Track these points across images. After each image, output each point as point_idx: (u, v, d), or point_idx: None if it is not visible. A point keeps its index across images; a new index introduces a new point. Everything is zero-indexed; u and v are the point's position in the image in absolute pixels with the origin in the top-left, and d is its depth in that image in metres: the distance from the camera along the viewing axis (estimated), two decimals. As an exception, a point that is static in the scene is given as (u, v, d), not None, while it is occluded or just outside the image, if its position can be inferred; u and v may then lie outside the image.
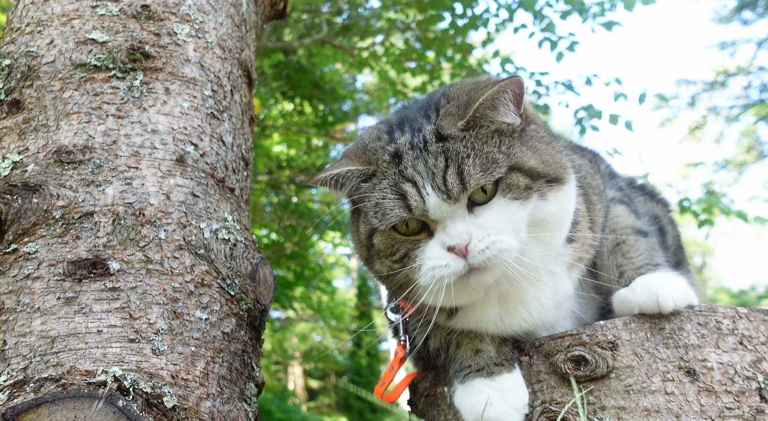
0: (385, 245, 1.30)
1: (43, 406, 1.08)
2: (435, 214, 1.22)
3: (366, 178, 1.32)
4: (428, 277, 1.23)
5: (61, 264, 1.31)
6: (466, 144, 1.25)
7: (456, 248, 1.20)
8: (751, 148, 11.67)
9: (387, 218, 1.26)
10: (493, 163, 1.23)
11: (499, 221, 1.22)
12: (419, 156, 1.26)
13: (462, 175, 1.21)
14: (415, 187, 1.23)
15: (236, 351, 1.46)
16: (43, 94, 1.50)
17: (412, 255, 1.27)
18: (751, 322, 1.32)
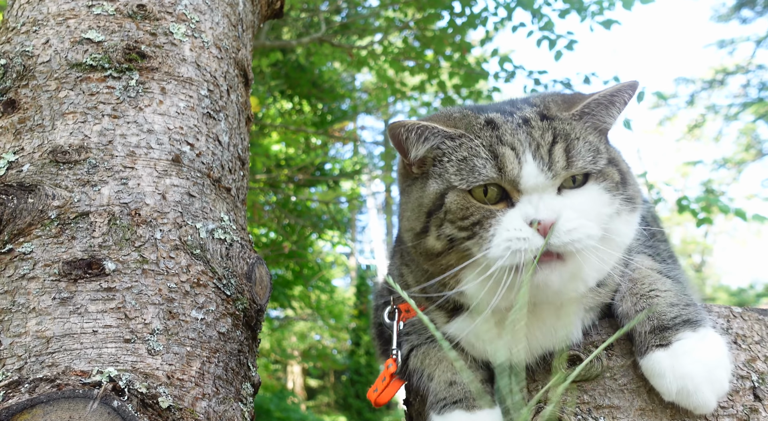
0: (458, 205, 1.20)
1: (38, 406, 1.09)
2: (527, 183, 1.16)
3: (452, 139, 1.26)
4: (502, 248, 1.13)
5: (57, 264, 1.31)
6: (575, 128, 1.22)
7: (542, 223, 1.11)
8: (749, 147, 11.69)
9: (474, 175, 1.19)
10: (598, 153, 1.21)
11: (590, 208, 1.16)
12: (519, 128, 1.21)
13: (570, 152, 1.17)
14: (513, 152, 1.17)
15: (232, 351, 1.46)
16: (39, 94, 1.49)
17: (486, 224, 1.17)
18: (745, 321, 1.33)
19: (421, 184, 1.31)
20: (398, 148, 1.33)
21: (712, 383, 1.15)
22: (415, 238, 1.29)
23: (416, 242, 1.29)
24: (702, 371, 1.15)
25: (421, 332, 1.46)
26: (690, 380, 1.14)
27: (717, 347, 1.19)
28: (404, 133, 1.29)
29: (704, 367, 1.16)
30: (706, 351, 1.18)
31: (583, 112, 1.25)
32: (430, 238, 1.25)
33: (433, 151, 1.29)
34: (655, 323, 1.22)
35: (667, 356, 1.18)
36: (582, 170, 1.18)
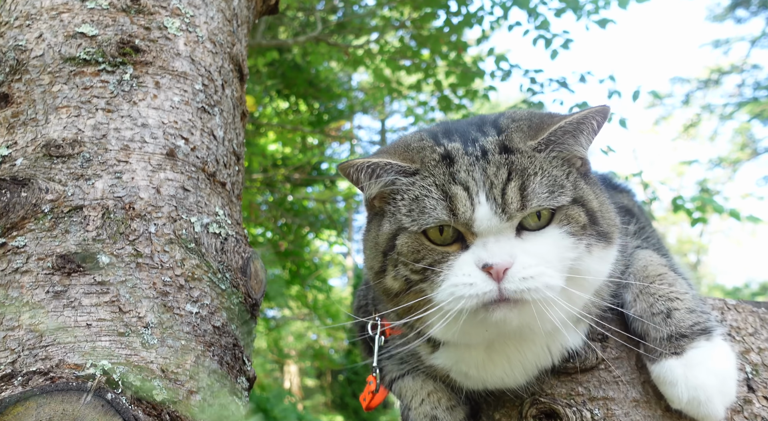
0: (409, 248, 1.14)
1: (31, 399, 1.08)
2: (481, 226, 1.08)
3: (406, 175, 1.18)
4: (446, 293, 1.08)
5: (50, 258, 1.30)
6: (534, 162, 1.13)
7: (494, 268, 1.05)
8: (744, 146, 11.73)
9: (424, 217, 1.12)
10: (560, 188, 1.12)
11: (550, 253, 1.08)
12: (476, 163, 1.13)
13: (525, 191, 1.09)
14: (466, 192, 1.10)
15: (227, 345, 1.45)
16: (32, 88, 1.49)
17: (437, 267, 1.11)
18: (739, 313, 1.33)
19: (378, 221, 1.25)
20: (355, 185, 1.27)
21: (723, 394, 1.15)
22: (375, 277, 1.24)
23: (377, 281, 1.24)
24: (715, 382, 1.14)
25: (404, 363, 1.42)
26: (702, 391, 1.13)
27: (728, 358, 1.19)
28: (354, 174, 1.22)
29: (716, 378, 1.14)
30: (719, 362, 1.16)
31: (549, 141, 1.16)
32: (388, 278, 1.20)
33: (389, 187, 1.21)
34: (673, 330, 1.19)
35: (680, 364, 1.16)
36: (538, 209, 1.10)
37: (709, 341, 1.18)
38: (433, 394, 1.37)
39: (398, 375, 1.43)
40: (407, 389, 1.40)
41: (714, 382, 1.14)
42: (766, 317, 1.33)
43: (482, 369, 1.25)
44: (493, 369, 1.25)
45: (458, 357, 1.27)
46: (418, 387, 1.39)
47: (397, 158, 1.20)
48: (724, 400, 1.16)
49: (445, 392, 1.38)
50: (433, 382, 1.39)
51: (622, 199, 1.66)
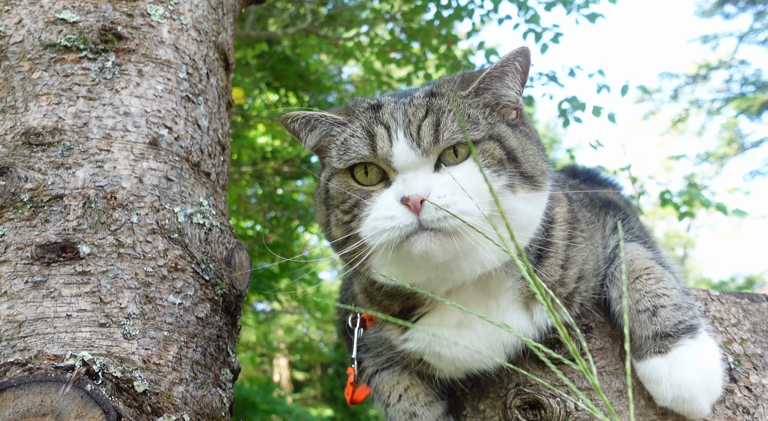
0: (338, 190, 1.22)
1: (8, 390, 1.06)
2: (399, 161, 1.15)
3: (339, 125, 1.27)
4: (369, 227, 1.13)
5: (29, 248, 1.28)
6: (454, 103, 1.19)
7: (410, 200, 1.08)
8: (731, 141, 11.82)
9: (349, 154, 1.20)
10: (474, 124, 1.18)
11: (466, 184, 1.11)
12: (400, 107, 1.21)
13: (438, 126, 1.15)
14: (386, 131, 1.17)
15: (211, 336, 1.44)
16: (11, 75, 1.46)
17: (362, 204, 1.17)
18: (722, 304, 1.34)
19: (319, 181, 1.32)
20: (297, 138, 1.34)
21: (708, 391, 1.16)
22: (324, 230, 1.29)
23: (327, 235, 1.29)
24: (699, 380, 1.15)
25: (380, 356, 1.41)
26: (687, 389, 1.14)
27: (713, 354, 1.19)
28: (291, 124, 1.30)
29: (701, 376, 1.16)
30: (704, 359, 1.17)
31: (479, 89, 1.23)
32: (333, 228, 1.25)
33: (326, 141, 1.29)
34: (658, 329, 1.20)
35: (665, 363, 1.17)
36: (450, 142, 1.14)
37: (693, 339, 1.19)
38: (410, 389, 1.37)
39: (374, 371, 1.43)
40: (384, 385, 1.39)
41: (698, 380, 1.15)
42: (748, 308, 1.33)
43: (454, 347, 1.25)
44: (463, 344, 1.25)
45: (429, 337, 1.27)
46: (395, 382, 1.38)
47: (332, 113, 1.29)
48: (709, 396, 1.17)
49: (423, 386, 1.37)
50: (410, 376, 1.38)
51: (608, 193, 1.66)
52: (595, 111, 5.40)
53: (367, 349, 1.42)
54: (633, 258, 1.32)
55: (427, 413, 1.33)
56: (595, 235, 1.37)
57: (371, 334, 1.40)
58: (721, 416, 1.21)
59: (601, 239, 1.36)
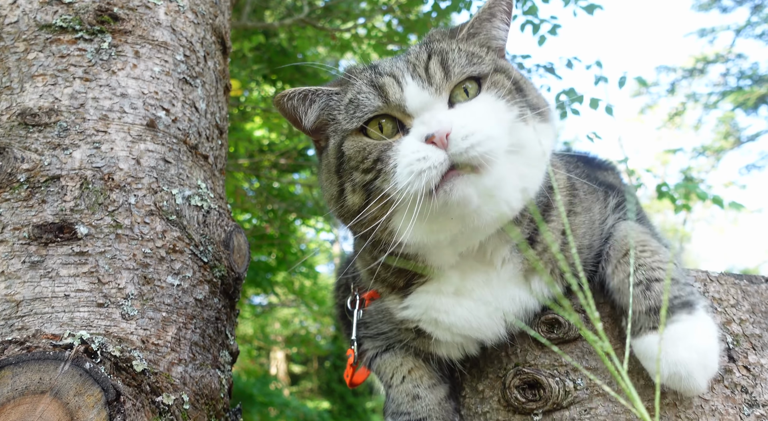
0: (355, 149, 1.17)
1: (7, 368, 1.06)
2: (413, 103, 1.13)
3: (337, 94, 1.26)
4: (405, 174, 1.07)
5: (27, 228, 1.27)
6: (451, 45, 1.22)
7: (436, 136, 1.05)
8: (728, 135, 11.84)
9: (360, 110, 1.17)
10: (479, 59, 1.20)
11: (486, 113, 1.12)
12: (399, 59, 1.22)
13: (446, 63, 1.16)
14: (393, 79, 1.16)
15: (209, 318, 1.44)
16: (7, 56, 1.45)
17: (385, 157, 1.12)
18: (721, 285, 1.34)
19: (326, 150, 1.29)
20: (293, 122, 1.31)
21: (705, 368, 1.14)
22: (336, 204, 1.24)
23: (339, 208, 1.24)
24: (695, 357, 1.12)
25: (380, 336, 1.41)
26: (683, 366, 1.11)
27: (710, 331, 1.16)
28: (287, 102, 1.27)
29: (697, 353, 1.12)
30: (700, 336, 1.14)
31: (469, 34, 1.26)
32: (348, 196, 1.21)
33: (326, 114, 1.28)
34: (652, 303, 1.16)
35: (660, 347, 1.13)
36: (462, 76, 1.15)
37: (690, 315, 1.16)
38: (414, 371, 1.36)
39: (376, 353, 1.42)
40: (387, 366, 1.39)
41: (695, 357, 1.13)
42: (747, 289, 1.34)
43: (451, 313, 1.24)
44: (461, 311, 1.24)
45: (428, 303, 1.26)
46: (398, 364, 1.37)
47: (327, 86, 1.29)
48: (705, 373, 1.14)
49: (426, 369, 1.37)
50: (413, 358, 1.38)
51: (607, 176, 1.64)
52: (593, 103, 5.40)
53: (366, 328, 1.42)
54: (626, 234, 1.28)
55: (430, 396, 1.33)
56: (593, 207, 1.36)
57: (371, 309, 1.39)
58: (719, 395, 1.21)
59: (599, 214, 1.36)
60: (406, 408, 1.32)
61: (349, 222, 1.22)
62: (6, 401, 1.03)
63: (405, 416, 1.32)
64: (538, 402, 1.26)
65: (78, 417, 1.04)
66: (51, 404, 1.04)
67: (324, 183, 1.30)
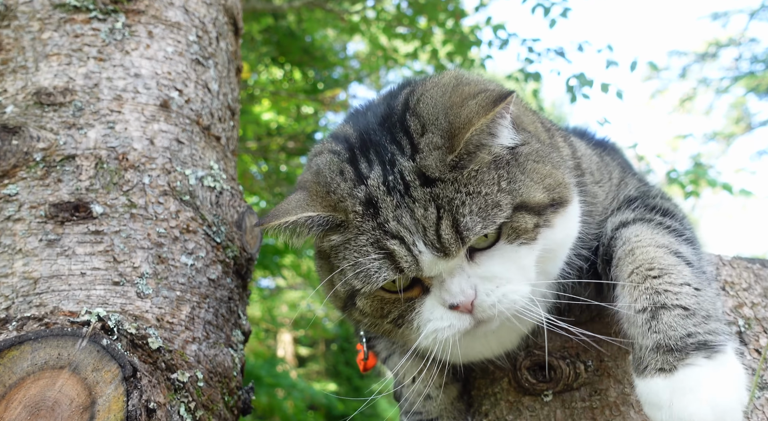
0: (373, 307, 1.12)
1: (26, 343, 1.08)
2: (431, 271, 1.04)
3: (333, 228, 1.10)
4: (430, 340, 1.08)
5: (43, 206, 1.29)
6: (459, 188, 1.03)
7: (461, 307, 1.04)
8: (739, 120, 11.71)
9: (372, 280, 1.05)
10: (495, 208, 1.03)
11: (506, 270, 1.05)
12: (401, 204, 1.04)
13: (458, 227, 1.01)
14: (403, 245, 1.03)
15: (222, 298, 1.45)
16: (22, 35, 1.45)
17: (407, 317, 1.10)
18: (734, 269, 1.34)
19: (326, 266, 1.17)
20: None
21: None
22: (341, 311, 1.20)
23: (345, 314, 1.20)
24: (709, 416, 0.90)
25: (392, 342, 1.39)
26: None
27: (734, 382, 0.94)
28: (275, 234, 1.13)
29: (712, 411, 0.90)
30: (719, 388, 0.92)
31: (467, 152, 1.04)
32: (356, 316, 1.17)
33: (320, 242, 1.15)
34: (659, 338, 0.97)
35: (667, 386, 0.94)
36: (478, 235, 1.02)
37: (710, 360, 0.94)
38: (425, 371, 1.32)
39: (388, 354, 1.42)
40: (399, 367, 1.37)
41: (708, 415, 0.90)
42: (760, 273, 1.34)
43: (462, 346, 1.17)
44: (473, 345, 1.22)
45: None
46: (410, 365, 1.35)
47: (318, 206, 1.10)
48: None
49: (438, 369, 1.32)
50: (423, 359, 1.37)
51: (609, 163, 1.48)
52: (603, 88, 5.35)
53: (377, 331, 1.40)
54: (633, 248, 1.11)
55: (442, 396, 1.33)
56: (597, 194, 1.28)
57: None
58: (729, 378, 1.22)
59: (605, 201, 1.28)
60: (418, 408, 1.32)
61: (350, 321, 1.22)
62: (26, 376, 1.05)
63: (418, 415, 1.32)
64: (549, 383, 1.27)
65: (96, 392, 1.06)
66: (70, 379, 1.06)
67: (324, 287, 1.19)
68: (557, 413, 1.27)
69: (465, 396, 1.38)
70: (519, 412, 1.30)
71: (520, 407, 1.30)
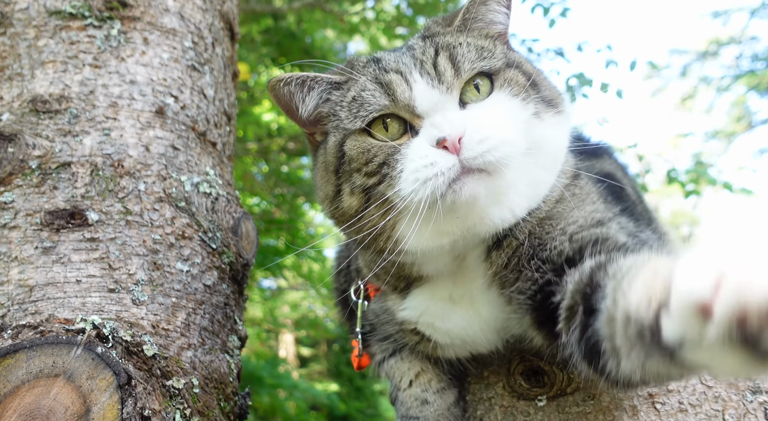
0: (359, 150, 1.11)
1: (21, 351, 1.08)
2: (422, 104, 1.06)
3: (337, 87, 1.19)
4: (409, 181, 1.02)
5: (39, 214, 1.29)
6: (458, 37, 1.15)
7: (448, 140, 1.00)
8: (740, 119, 11.70)
9: (365, 108, 1.10)
10: (489, 53, 1.13)
11: (500, 115, 1.06)
12: (404, 54, 1.15)
13: (455, 59, 1.09)
14: (401, 76, 1.09)
15: (218, 304, 1.46)
16: (17, 43, 1.46)
17: (391, 161, 1.06)
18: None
19: (323, 146, 1.22)
20: (287, 111, 1.24)
21: None
22: (331, 205, 1.18)
23: (334, 209, 1.18)
24: None
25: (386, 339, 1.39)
26: None
27: None
28: (283, 88, 1.19)
29: None
30: None
31: (465, 20, 1.18)
32: (345, 198, 1.14)
33: (326, 107, 1.20)
34: None
35: None
36: (472, 72, 1.09)
37: None
38: (422, 375, 1.35)
39: (383, 357, 1.41)
40: (395, 370, 1.38)
41: None
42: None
43: (446, 319, 1.22)
44: (456, 319, 1.22)
45: (424, 307, 1.24)
46: (406, 368, 1.37)
47: (327, 75, 1.21)
48: None
49: (434, 373, 1.35)
50: (420, 362, 1.36)
51: (603, 164, 1.49)
52: (603, 87, 5.35)
53: (373, 329, 1.40)
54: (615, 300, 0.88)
55: (439, 400, 1.32)
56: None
57: (376, 309, 1.37)
58: (722, 382, 1.22)
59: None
60: (415, 412, 1.32)
61: (343, 225, 1.17)
62: (21, 384, 1.06)
63: (414, 420, 1.32)
64: (543, 388, 1.28)
65: (91, 400, 1.07)
66: (64, 387, 1.07)
67: (318, 181, 1.24)
68: (551, 417, 1.27)
69: (461, 402, 1.38)
70: (513, 417, 1.30)
71: (515, 411, 1.30)
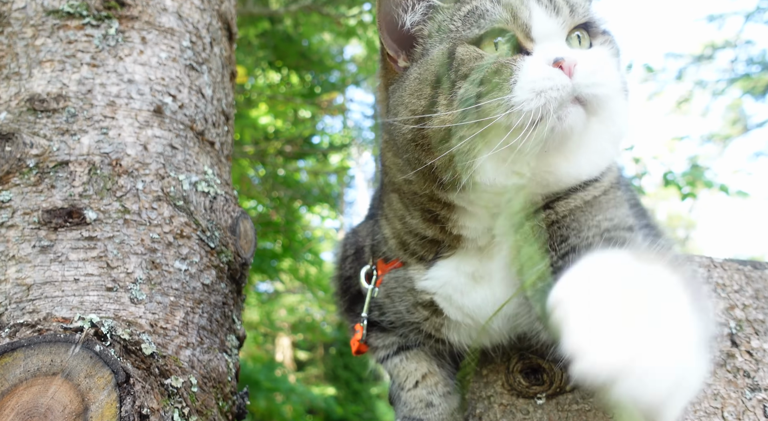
0: (472, 55, 1.08)
1: (19, 350, 1.08)
2: (539, 28, 1.08)
3: (442, 11, 1.18)
4: (527, 90, 1.01)
5: (36, 213, 1.29)
6: None
7: (565, 61, 1.01)
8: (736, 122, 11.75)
9: (485, 19, 1.10)
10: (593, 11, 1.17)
11: (605, 61, 1.11)
12: None
13: (571, 1, 1.13)
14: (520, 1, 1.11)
15: (216, 303, 1.45)
16: (15, 42, 1.46)
17: (505, 71, 1.05)
18: (725, 271, 1.34)
19: (417, 66, 1.17)
20: (387, 22, 1.20)
21: None
22: (417, 123, 1.11)
23: (418, 130, 1.11)
24: None
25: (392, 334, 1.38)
26: None
27: None
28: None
29: None
30: None
31: None
32: (441, 110, 1.08)
33: (427, 25, 1.19)
34: None
35: None
36: (584, 17, 1.13)
37: None
38: (429, 377, 1.34)
39: (387, 354, 1.40)
40: (400, 370, 1.37)
41: None
42: (751, 275, 1.34)
43: (465, 295, 1.22)
44: (475, 296, 1.22)
45: (446, 279, 1.23)
46: (412, 368, 1.35)
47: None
48: None
49: (441, 376, 1.34)
50: (428, 363, 1.35)
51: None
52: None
53: (380, 310, 1.37)
54: None
55: (444, 404, 1.31)
56: None
57: (389, 279, 1.33)
58: (721, 380, 1.22)
59: None
60: (418, 414, 1.30)
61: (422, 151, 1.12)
62: (18, 382, 1.05)
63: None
64: (542, 386, 1.27)
65: (89, 398, 1.06)
66: (62, 386, 1.06)
67: (406, 99, 1.16)
68: (550, 415, 1.27)
69: (463, 410, 1.37)
70: (512, 415, 1.30)
71: (514, 410, 1.30)
